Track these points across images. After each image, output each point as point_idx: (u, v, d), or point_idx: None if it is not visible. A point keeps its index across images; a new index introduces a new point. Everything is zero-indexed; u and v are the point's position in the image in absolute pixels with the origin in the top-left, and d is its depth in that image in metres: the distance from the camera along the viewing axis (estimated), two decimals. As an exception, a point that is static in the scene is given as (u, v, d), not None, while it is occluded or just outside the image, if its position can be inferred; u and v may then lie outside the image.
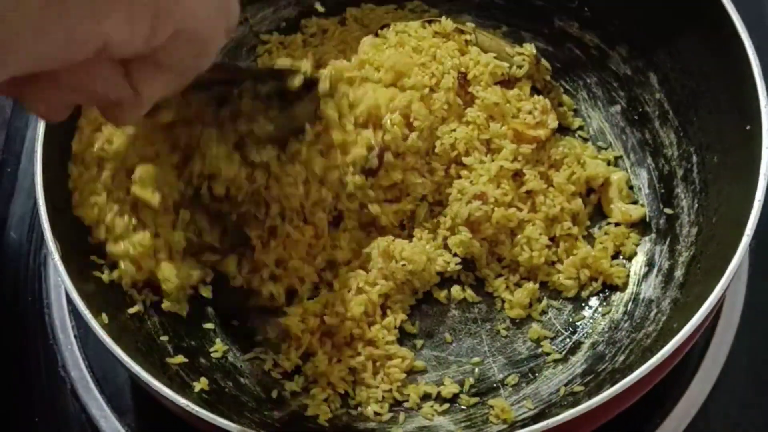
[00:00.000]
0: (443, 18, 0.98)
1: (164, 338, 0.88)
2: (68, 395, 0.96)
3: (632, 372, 0.74)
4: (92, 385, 0.96)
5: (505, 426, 0.84)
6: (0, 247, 1.06)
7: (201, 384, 0.83)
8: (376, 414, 0.87)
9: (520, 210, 0.93)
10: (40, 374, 0.98)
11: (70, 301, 0.99)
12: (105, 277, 0.86)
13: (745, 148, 0.83)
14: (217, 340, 0.91)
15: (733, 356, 0.94)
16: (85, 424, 0.95)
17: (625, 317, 0.91)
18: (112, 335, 0.76)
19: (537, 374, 0.89)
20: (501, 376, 0.90)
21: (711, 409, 0.91)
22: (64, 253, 0.80)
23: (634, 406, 0.80)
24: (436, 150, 0.93)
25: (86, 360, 0.97)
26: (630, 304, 0.92)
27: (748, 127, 0.82)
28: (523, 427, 0.77)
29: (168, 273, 0.86)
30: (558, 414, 0.77)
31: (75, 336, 0.98)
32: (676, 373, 0.81)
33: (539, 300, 0.93)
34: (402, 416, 0.87)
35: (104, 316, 0.80)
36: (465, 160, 0.93)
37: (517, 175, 0.94)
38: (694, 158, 0.93)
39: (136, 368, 0.74)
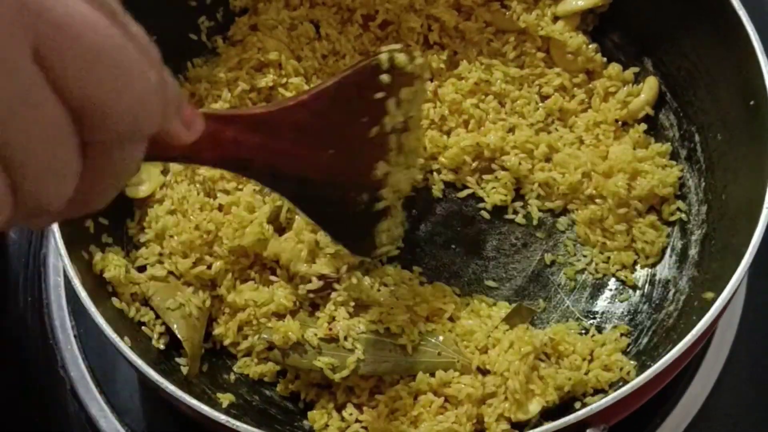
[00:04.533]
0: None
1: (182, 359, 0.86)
2: (68, 395, 0.94)
3: (664, 350, 0.75)
4: (92, 385, 0.94)
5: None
6: (0, 247, 1.03)
7: (227, 398, 0.82)
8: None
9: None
10: (40, 374, 0.96)
11: (70, 301, 0.98)
12: (116, 302, 0.84)
13: (751, 123, 0.83)
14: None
15: (733, 356, 0.94)
16: (85, 424, 0.93)
17: (643, 299, 0.91)
18: (144, 360, 0.75)
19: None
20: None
21: (711, 409, 0.91)
22: (82, 277, 0.78)
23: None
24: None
25: (86, 360, 0.95)
26: (647, 285, 0.91)
27: (752, 103, 0.83)
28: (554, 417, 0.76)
29: None
30: (588, 402, 0.78)
31: (75, 336, 0.97)
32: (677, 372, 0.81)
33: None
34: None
35: (127, 338, 0.78)
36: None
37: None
38: (697, 138, 0.93)
39: (181, 395, 0.73)
